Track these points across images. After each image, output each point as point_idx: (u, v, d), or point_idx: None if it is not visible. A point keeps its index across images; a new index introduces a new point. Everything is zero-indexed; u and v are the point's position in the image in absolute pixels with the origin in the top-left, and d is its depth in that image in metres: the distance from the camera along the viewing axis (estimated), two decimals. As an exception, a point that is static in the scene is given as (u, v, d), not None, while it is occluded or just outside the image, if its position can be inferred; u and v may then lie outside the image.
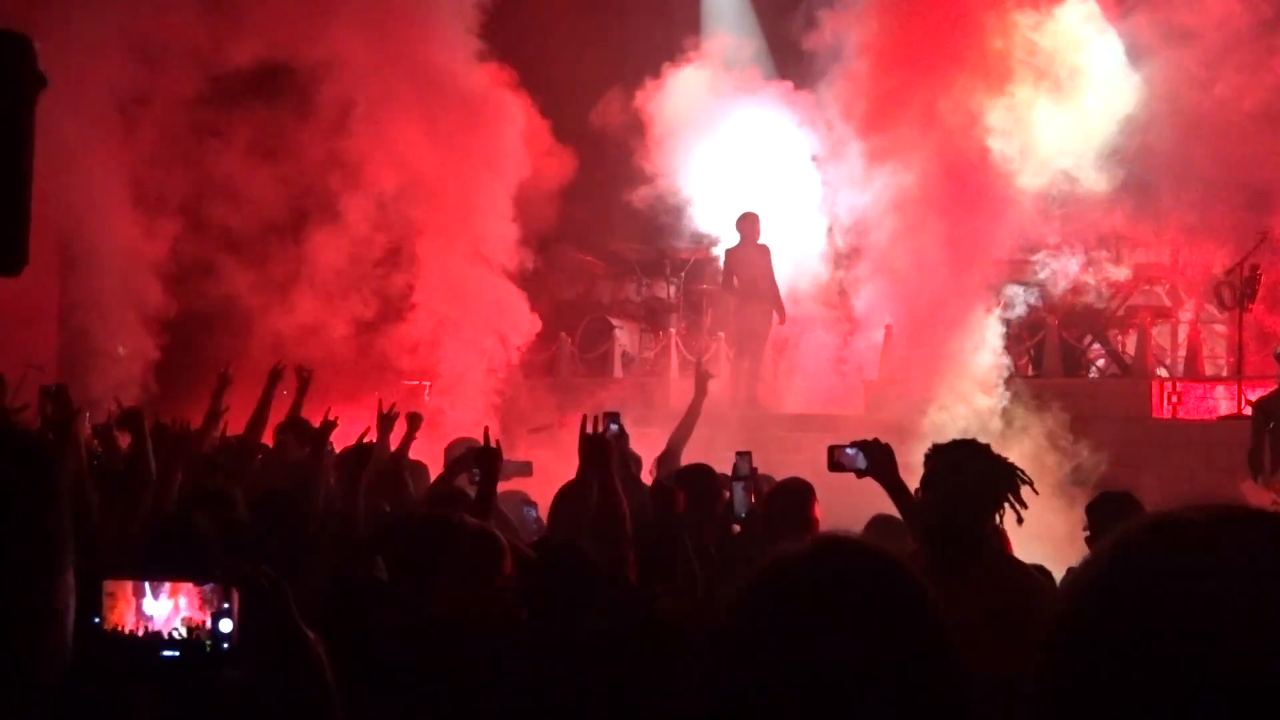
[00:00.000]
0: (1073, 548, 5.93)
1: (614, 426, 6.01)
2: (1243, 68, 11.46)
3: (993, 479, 4.02)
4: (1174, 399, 12.00)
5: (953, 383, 12.02)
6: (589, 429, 4.54)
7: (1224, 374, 12.84)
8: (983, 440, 4.22)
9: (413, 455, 7.65)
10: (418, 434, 7.66)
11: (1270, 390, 10.20)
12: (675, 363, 14.32)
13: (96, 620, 1.90)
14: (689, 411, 7.61)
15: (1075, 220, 12.58)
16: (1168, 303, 13.88)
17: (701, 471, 5.83)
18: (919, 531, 4.12)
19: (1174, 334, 14.14)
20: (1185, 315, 13.84)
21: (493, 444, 4.48)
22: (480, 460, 4.52)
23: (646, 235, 15.94)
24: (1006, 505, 4.05)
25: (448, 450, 7.95)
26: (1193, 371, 12.69)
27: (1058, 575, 4.87)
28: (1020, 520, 4.15)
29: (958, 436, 4.33)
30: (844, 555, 1.40)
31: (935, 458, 4.06)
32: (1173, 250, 13.20)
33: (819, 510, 5.39)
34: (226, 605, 1.95)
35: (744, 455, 5.97)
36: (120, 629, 1.97)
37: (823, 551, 1.40)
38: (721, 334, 14.34)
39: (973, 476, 3.96)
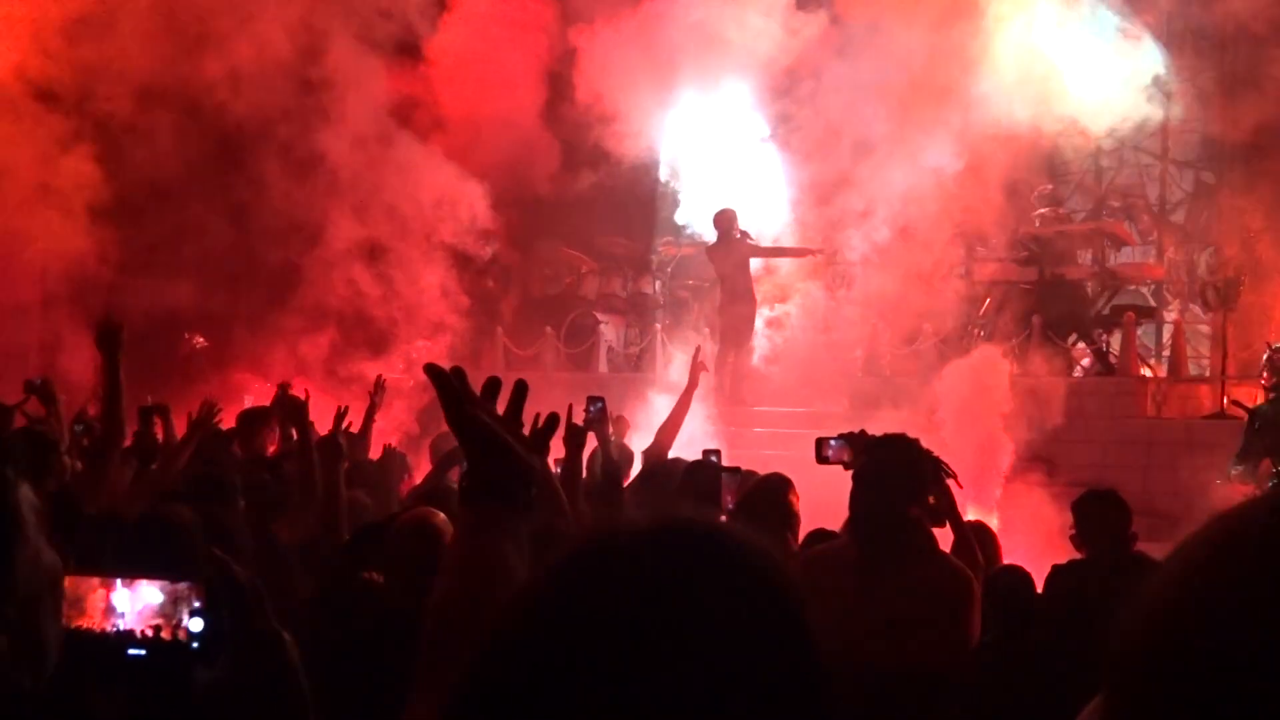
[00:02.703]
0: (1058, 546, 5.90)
1: (594, 408, 6.42)
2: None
3: (917, 472, 4.09)
4: (1158, 398, 12.01)
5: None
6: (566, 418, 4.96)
7: (1207, 374, 12.84)
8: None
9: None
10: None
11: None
12: (660, 358, 14.24)
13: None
14: (679, 404, 7.56)
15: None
16: (1152, 303, 13.90)
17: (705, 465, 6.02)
18: (850, 525, 4.14)
19: (1158, 333, 14.15)
20: (1170, 315, 13.85)
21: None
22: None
23: (630, 227, 15.83)
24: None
25: (433, 445, 7.82)
26: (1176, 371, 12.69)
27: (1040, 574, 4.85)
28: (940, 513, 4.22)
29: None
30: (691, 538, 1.03)
31: (867, 453, 4.15)
32: (1159, 250, 13.21)
33: (799, 503, 5.36)
34: (198, 603, 1.90)
35: (712, 453, 6.21)
36: (87, 628, 1.92)
37: (664, 531, 1.04)
38: (706, 329, 14.28)
39: (900, 471, 4.02)
